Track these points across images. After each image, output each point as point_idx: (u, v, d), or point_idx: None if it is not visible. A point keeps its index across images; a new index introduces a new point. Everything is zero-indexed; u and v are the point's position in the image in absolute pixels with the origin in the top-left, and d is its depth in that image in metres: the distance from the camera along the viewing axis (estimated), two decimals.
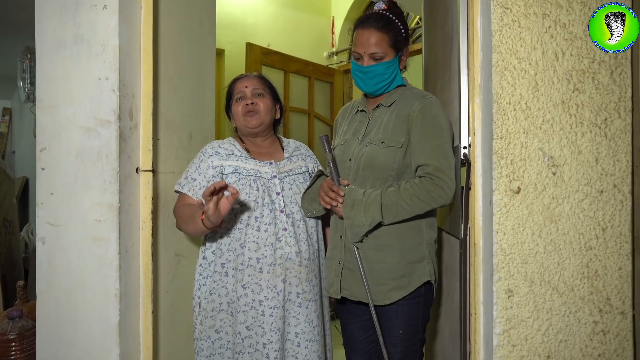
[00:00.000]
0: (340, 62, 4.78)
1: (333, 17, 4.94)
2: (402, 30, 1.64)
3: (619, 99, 1.29)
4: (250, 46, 4.01)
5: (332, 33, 4.93)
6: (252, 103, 1.80)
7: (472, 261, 1.46)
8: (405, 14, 1.72)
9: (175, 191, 1.79)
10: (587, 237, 1.28)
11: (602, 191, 1.28)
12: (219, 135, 2.22)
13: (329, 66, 4.72)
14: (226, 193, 1.60)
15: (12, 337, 1.95)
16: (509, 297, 1.29)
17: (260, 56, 4.09)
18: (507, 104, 1.29)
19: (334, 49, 4.85)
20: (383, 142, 1.63)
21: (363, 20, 1.65)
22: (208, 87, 2.23)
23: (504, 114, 1.29)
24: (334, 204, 1.63)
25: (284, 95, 4.34)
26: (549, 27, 1.30)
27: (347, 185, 1.64)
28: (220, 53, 4.37)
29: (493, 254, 1.29)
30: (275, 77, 4.18)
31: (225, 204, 1.57)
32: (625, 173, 1.28)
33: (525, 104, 1.29)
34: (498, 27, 1.30)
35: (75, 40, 1.68)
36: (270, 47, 4.27)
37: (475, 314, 1.43)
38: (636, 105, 1.27)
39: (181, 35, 2.02)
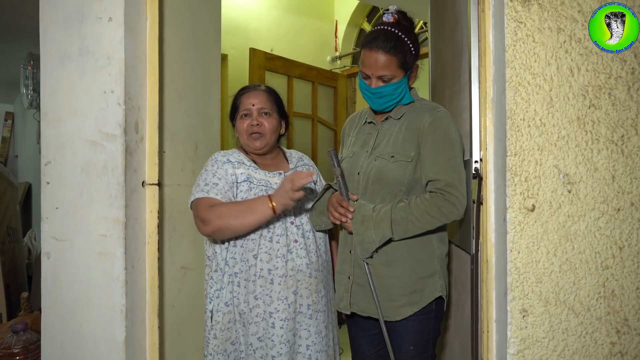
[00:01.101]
0: (344, 66, 4.76)
1: (336, 21, 4.91)
2: (412, 49, 1.60)
3: (636, 115, 1.26)
4: (253, 51, 3.99)
5: (335, 37, 4.90)
6: (258, 124, 1.75)
7: (484, 278, 1.43)
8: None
9: (192, 201, 1.71)
10: (604, 256, 1.26)
11: (618, 209, 1.26)
12: (224, 145, 2.20)
13: (333, 70, 4.70)
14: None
15: (16, 350, 1.93)
16: (523, 317, 1.26)
17: (263, 61, 4.07)
18: (521, 120, 1.27)
19: (337, 53, 4.83)
20: (393, 156, 1.60)
21: (371, 40, 1.60)
22: (213, 97, 2.21)
23: (518, 130, 1.27)
24: (344, 219, 1.61)
25: (287, 100, 4.32)
26: (564, 42, 1.27)
27: (357, 200, 1.62)
28: (223, 58, 4.34)
29: (507, 272, 1.27)
30: (279, 82, 4.16)
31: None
32: None
33: (540, 120, 1.27)
34: (512, 42, 1.28)
35: (80, 52, 1.66)
36: (274, 52, 4.25)
37: (488, 331, 1.41)
38: None
39: (187, 46, 2.01)
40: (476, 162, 1.53)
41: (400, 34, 1.57)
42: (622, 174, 1.26)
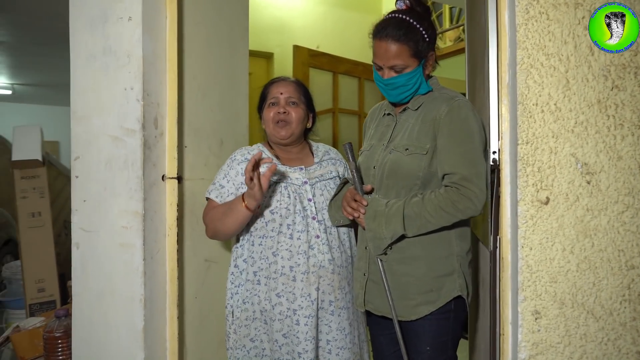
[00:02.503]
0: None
1: (384, 15, 4.81)
2: (425, 36, 1.52)
3: None
4: (297, 48, 4.00)
5: None
6: (285, 112, 1.76)
7: (502, 276, 1.34)
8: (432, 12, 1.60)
9: (207, 198, 1.77)
10: (629, 254, 1.13)
11: None
12: (253, 141, 2.22)
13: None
14: (262, 170, 1.61)
15: (58, 334, 2.05)
16: (535, 319, 1.16)
17: (307, 58, 4.07)
18: (533, 105, 1.17)
19: None
20: (407, 149, 1.53)
21: (380, 29, 1.53)
22: (241, 92, 2.23)
23: (530, 116, 1.17)
24: (356, 214, 1.56)
25: (333, 97, 4.29)
26: (583, 17, 1.16)
27: (371, 190, 1.57)
28: (269, 57, 4.40)
29: (518, 270, 1.17)
30: (324, 78, 4.14)
31: (265, 178, 1.57)
32: None
33: (555, 104, 1.16)
34: (523, 21, 1.18)
35: (104, 52, 1.73)
36: (320, 49, 4.24)
37: (504, 334, 1.31)
38: None
39: (210, 42, 2.03)
40: (494, 152, 1.43)
41: (411, 20, 1.50)
42: None
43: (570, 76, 1.15)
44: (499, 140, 1.40)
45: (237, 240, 1.75)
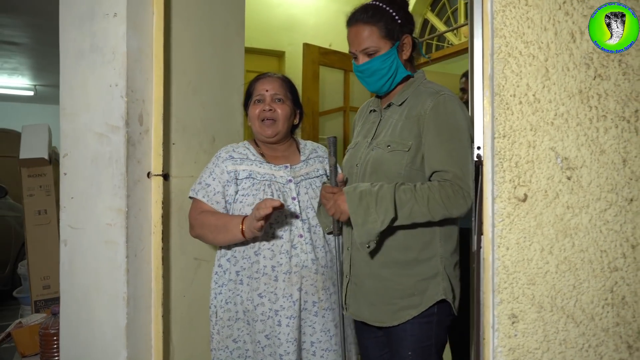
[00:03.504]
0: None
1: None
2: (397, 17, 1.47)
3: None
4: (307, 46, 3.97)
5: None
6: (270, 110, 1.72)
7: (483, 278, 1.27)
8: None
9: (190, 197, 1.76)
10: (612, 255, 1.05)
11: (631, 200, 1.04)
12: (248, 138, 2.19)
13: None
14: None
15: (53, 331, 2.07)
16: (512, 323, 1.10)
17: (317, 56, 4.03)
18: (511, 96, 1.10)
19: None
20: (389, 146, 1.48)
21: (350, 17, 1.52)
22: (235, 89, 2.20)
23: (508, 108, 1.10)
24: (333, 201, 1.51)
25: (344, 94, 4.24)
26: (564, 2, 1.08)
27: (343, 179, 1.52)
28: (280, 55, 4.39)
29: (494, 271, 1.11)
30: (335, 77, 4.10)
31: (268, 217, 1.54)
32: None
33: (534, 95, 1.09)
34: (501, 7, 1.11)
35: (91, 49, 1.73)
36: (332, 47, 4.20)
37: (485, 339, 1.24)
38: None
39: (202, 38, 2.02)
40: (478, 148, 1.36)
41: (379, 3, 1.46)
42: (635, 157, 1.04)
43: (550, 65, 1.08)
44: (483, 134, 1.33)
45: None
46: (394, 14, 1.47)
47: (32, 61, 5.26)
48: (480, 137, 1.35)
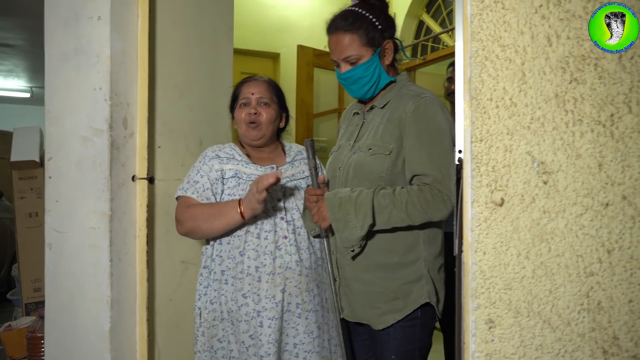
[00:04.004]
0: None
1: (394, 13, 4.73)
2: (377, 23, 1.47)
3: (629, 90, 1.03)
4: (301, 48, 3.97)
5: None
6: (256, 113, 1.72)
7: (463, 282, 1.26)
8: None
9: (177, 197, 1.75)
10: (588, 260, 1.04)
11: (607, 204, 1.04)
12: (235, 140, 2.19)
13: None
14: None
15: (40, 334, 2.07)
16: (489, 328, 1.09)
17: (312, 58, 4.03)
18: (488, 100, 1.10)
19: None
20: (370, 149, 1.48)
21: (330, 24, 1.51)
22: (224, 92, 2.20)
23: (485, 112, 1.10)
24: (316, 202, 1.52)
25: (339, 97, 4.24)
26: (540, 6, 1.08)
27: (324, 181, 1.53)
28: (275, 57, 4.38)
29: (471, 276, 1.10)
30: (329, 78, 4.10)
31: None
32: (638, 182, 1.02)
33: (510, 99, 1.08)
34: (478, 11, 1.11)
35: (75, 52, 1.73)
36: (326, 49, 4.19)
37: (465, 344, 1.23)
38: None
39: (189, 41, 2.02)
40: (460, 151, 1.36)
41: (359, 10, 1.45)
42: (611, 162, 1.03)
43: (527, 69, 1.08)
44: (463, 138, 1.32)
45: (207, 242, 1.73)
46: (374, 20, 1.47)
47: (27, 63, 5.26)
48: (461, 141, 1.35)
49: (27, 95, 7.17)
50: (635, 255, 1.03)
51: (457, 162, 1.36)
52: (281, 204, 1.70)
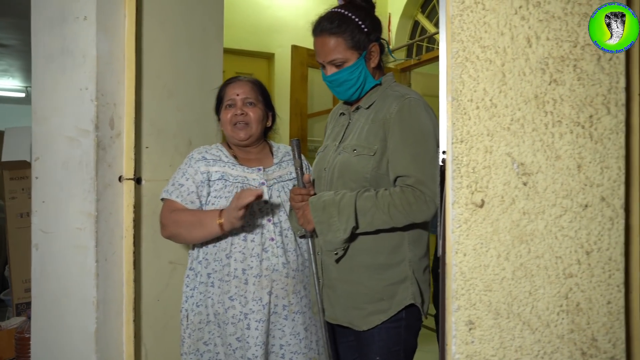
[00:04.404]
0: (396, 60, 4.56)
1: (390, 13, 4.74)
2: (363, 26, 1.46)
3: (608, 91, 1.03)
4: (295, 48, 3.96)
5: (389, 30, 4.73)
6: (242, 114, 1.72)
7: (445, 284, 1.26)
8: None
9: (162, 199, 1.75)
10: (567, 261, 1.04)
11: (586, 205, 1.03)
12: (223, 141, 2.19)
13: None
14: None
15: (28, 335, 2.06)
16: (469, 329, 1.09)
17: (306, 58, 4.02)
18: (468, 101, 1.09)
19: (390, 47, 4.64)
20: (355, 150, 1.48)
21: (316, 25, 1.51)
22: (213, 92, 2.19)
23: (465, 113, 1.09)
24: (303, 201, 1.51)
25: (333, 97, 4.23)
26: (520, 7, 1.07)
27: (309, 180, 1.52)
28: (270, 57, 4.37)
29: (452, 278, 1.10)
30: None
31: (248, 207, 1.55)
32: (617, 183, 1.02)
33: (490, 100, 1.08)
34: (458, 12, 1.10)
35: (62, 52, 1.73)
36: None
37: (447, 345, 1.23)
38: (632, 97, 1.01)
39: (178, 41, 2.01)
40: (444, 152, 1.36)
41: (345, 12, 1.45)
42: (590, 163, 1.03)
43: (507, 70, 1.07)
44: (446, 139, 1.32)
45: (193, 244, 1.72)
46: (360, 22, 1.46)
47: (22, 63, 5.26)
48: (444, 142, 1.34)
49: (22, 95, 7.17)
50: (613, 256, 1.02)
51: (441, 163, 1.37)
52: (268, 206, 1.69)
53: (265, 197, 1.68)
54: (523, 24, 1.08)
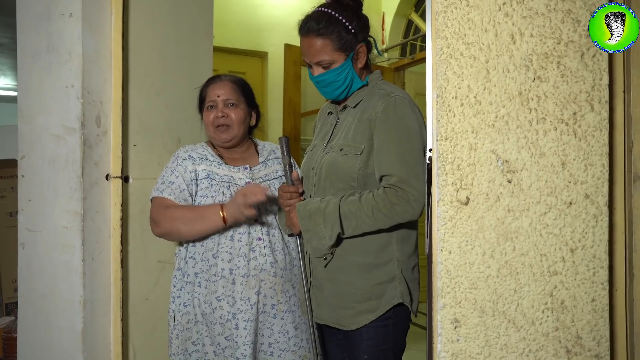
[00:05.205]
0: (388, 59, 4.56)
1: (383, 12, 4.73)
2: (350, 27, 1.45)
3: (591, 88, 1.03)
4: (288, 47, 3.95)
5: (382, 29, 4.72)
6: (223, 116, 1.69)
7: (432, 282, 1.25)
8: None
9: (151, 198, 1.73)
10: (552, 259, 1.04)
11: (570, 203, 1.03)
12: None
13: (378, 64, 4.52)
14: None
15: (16, 335, 2.04)
16: (455, 327, 1.08)
17: (299, 57, 3.98)
18: (452, 98, 1.09)
19: (384, 46, 4.64)
20: (342, 149, 1.47)
21: (302, 25, 1.49)
22: None
23: (449, 110, 1.09)
24: (292, 201, 1.50)
25: None
26: (504, 3, 1.07)
27: (297, 177, 1.52)
28: (263, 56, 4.36)
29: (437, 276, 1.09)
30: None
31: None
32: (601, 181, 1.02)
33: (475, 97, 1.08)
34: (442, 8, 1.10)
35: (47, 50, 1.71)
36: None
37: (434, 343, 1.23)
38: (615, 94, 1.00)
39: (166, 39, 2.00)
40: (430, 150, 1.35)
41: (332, 12, 1.43)
42: (574, 160, 1.03)
43: (491, 66, 1.07)
44: (431, 137, 1.32)
45: (180, 244, 1.71)
46: (347, 23, 1.45)
47: (13, 61, 5.22)
48: (430, 140, 1.34)
49: (15, 93, 7.12)
50: (597, 254, 1.02)
51: (427, 161, 1.36)
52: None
53: (257, 181, 1.68)
54: (507, 20, 1.07)
